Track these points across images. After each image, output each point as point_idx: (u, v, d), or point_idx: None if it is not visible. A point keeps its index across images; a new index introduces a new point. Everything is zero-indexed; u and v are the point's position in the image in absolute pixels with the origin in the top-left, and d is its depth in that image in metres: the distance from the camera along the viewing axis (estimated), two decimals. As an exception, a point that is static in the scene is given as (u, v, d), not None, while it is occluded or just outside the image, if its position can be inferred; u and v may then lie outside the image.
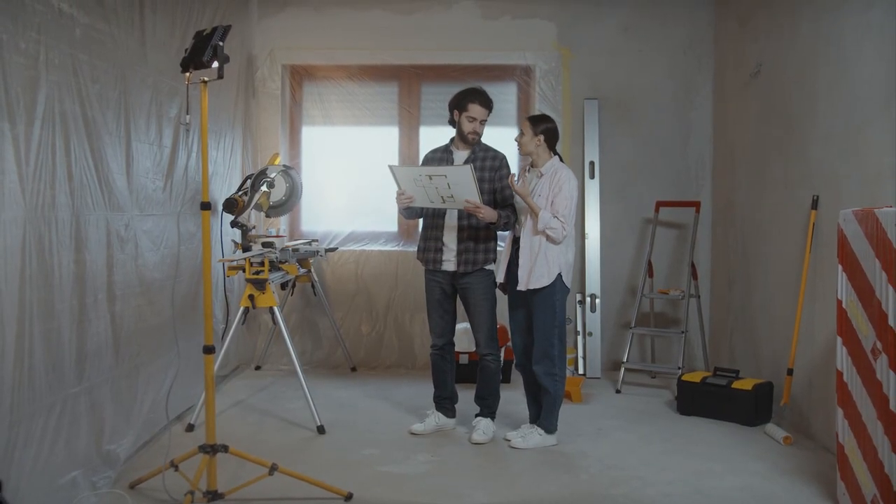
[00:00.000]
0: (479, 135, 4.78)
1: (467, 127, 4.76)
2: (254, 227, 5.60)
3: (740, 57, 6.13)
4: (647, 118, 6.80)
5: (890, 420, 3.40)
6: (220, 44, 3.59)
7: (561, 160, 4.71)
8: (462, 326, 5.37)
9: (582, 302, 6.71)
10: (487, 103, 4.75)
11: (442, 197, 4.56)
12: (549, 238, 4.53)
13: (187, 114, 3.71)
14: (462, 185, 4.46)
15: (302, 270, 6.21)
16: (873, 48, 4.28)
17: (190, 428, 4.87)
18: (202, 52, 3.57)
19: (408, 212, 4.85)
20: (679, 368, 5.92)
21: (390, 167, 4.62)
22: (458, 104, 4.77)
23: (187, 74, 3.61)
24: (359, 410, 5.47)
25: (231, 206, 5.27)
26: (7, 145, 3.20)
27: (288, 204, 5.93)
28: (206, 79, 3.64)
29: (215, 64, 3.58)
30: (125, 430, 4.21)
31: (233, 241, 5.87)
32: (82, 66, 3.82)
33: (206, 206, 3.67)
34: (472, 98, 4.74)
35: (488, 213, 4.59)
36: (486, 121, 4.77)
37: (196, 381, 4.93)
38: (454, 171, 4.47)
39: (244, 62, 6.62)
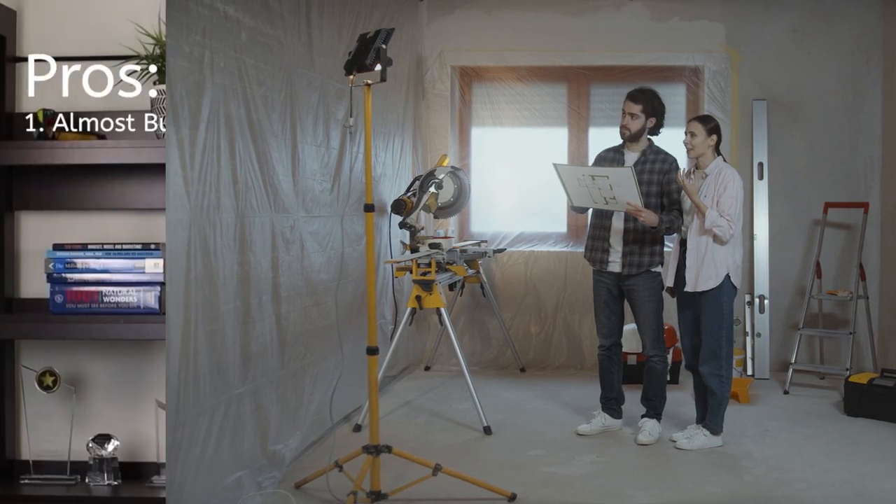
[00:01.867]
0: (630, 130, 4.70)
1: (621, 121, 4.73)
2: (422, 229, 5.61)
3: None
4: (815, 119, 6.72)
5: None
6: (384, 46, 3.59)
7: (724, 160, 4.58)
8: (630, 327, 5.28)
9: (750, 303, 6.68)
10: (637, 98, 4.66)
11: (605, 198, 4.51)
12: (715, 237, 4.44)
13: (350, 116, 3.69)
14: (623, 187, 4.40)
15: (470, 271, 6.15)
16: None
17: (357, 428, 4.93)
18: (365, 55, 3.58)
19: (578, 206, 4.80)
20: (847, 370, 5.83)
21: (555, 166, 4.60)
22: None
23: (351, 77, 3.62)
24: (526, 411, 5.48)
25: (399, 207, 5.30)
26: (172, 148, 3.24)
27: (456, 205, 5.92)
28: (369, 81, 3.65)
29: (378, 67, 3.57)
30: (291, 430, 4.24)
31: (401, 242, 5.89)
32: (248, 70, 3.84)
33: (369, 207, 3.70)
34: (627, 94, 4.72)
35: (649, 217, 4.50)
36: (637, 115, 4.66)
37: (364, 382, 4.92)
38: (616, 172, 4.44)
39: (414, 64, 6.64)
